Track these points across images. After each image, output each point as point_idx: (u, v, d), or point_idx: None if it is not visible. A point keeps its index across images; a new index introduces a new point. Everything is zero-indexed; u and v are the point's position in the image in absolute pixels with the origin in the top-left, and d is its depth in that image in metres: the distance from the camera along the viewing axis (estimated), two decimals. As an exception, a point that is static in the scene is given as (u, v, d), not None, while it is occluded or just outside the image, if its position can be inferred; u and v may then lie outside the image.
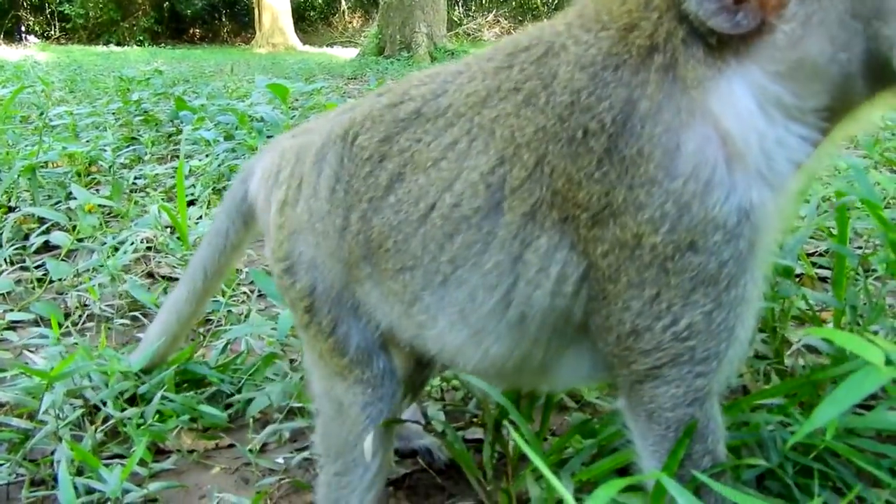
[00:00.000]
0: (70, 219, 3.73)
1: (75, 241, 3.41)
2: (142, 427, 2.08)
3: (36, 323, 3.10)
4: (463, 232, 1.34)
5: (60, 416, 2.09)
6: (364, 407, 1.60)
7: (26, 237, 3.98)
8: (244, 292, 3.28)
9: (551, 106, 1.26)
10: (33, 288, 3.33)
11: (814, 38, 1.10)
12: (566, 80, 1.25)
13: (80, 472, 1.91)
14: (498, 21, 33.24)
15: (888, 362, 0.85)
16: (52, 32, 33.26)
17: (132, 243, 3.41)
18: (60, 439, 2.01)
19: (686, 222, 1.15)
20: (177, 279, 3.46)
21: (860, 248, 3.36)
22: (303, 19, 33.41)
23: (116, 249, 3.34)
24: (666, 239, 1.17)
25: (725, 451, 1.35)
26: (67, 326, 3.01)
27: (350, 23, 37.12)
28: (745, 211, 1.15)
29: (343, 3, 37.47)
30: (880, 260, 1.94)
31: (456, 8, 33.53)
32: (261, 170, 1.80)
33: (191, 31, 36.37)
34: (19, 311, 3.07)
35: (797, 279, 2.95)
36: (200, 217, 4.09)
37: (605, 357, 1.35)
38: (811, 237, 3.34)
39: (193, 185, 4.71)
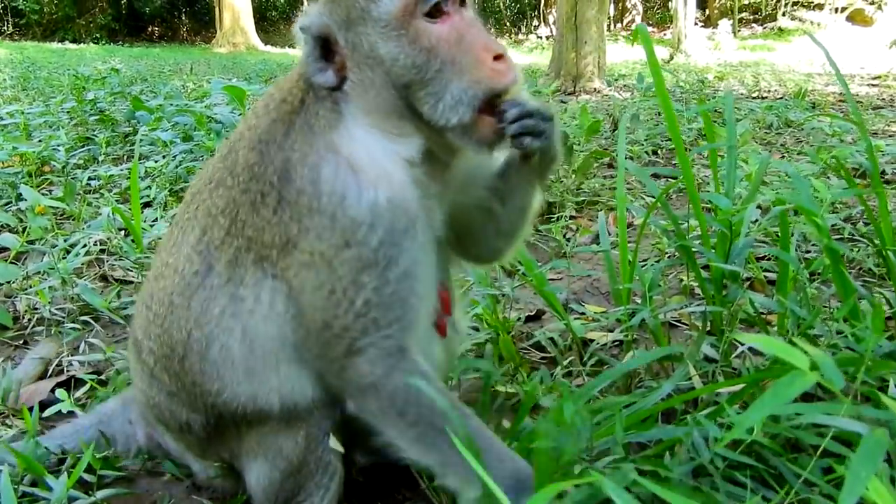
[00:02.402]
0: (21, 220, 3.65)
1: (25, 244, 3.32)
2: (91, 433, 2.04)
3: (-17, 327, 3.03)
4: (194, 295, 1.64)
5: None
6: (317, 433, 1.67)
7: (-26, 239, 3.89)
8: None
9: (237, 183, 1.62)
10: (-20, 291, 3.25)
11: (372, 92, 1.55)
12: (244, 161, 1.62)
13: (28, 481, 1.87)
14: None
15: (813, 367, 0.89)
16: (5, 28, 32.39)
17: (84, 246, 3.35)
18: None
19: (338, 228, 1.50)
20: (130, 282, 3.41)
21: (808, 251, 3.46)
22: (264, 19, 33.08)
23: (68, 252, 3.27)
24: (327, 244, 1.50)
25: (452, 395, 1.61)
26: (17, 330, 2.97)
27: (313, 23, 36.76)
28: (374, 206, 1.50)
29: (305, 3, 37.15)
30: (818, 265, 2.01)
31: (420, 10, 33.39)
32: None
33: (149, 29, 35.72)
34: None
35: (747, 282, 3.03)
36: (156, 219, 4.03)
37: (318, 370, 1.61)
38: (762, 242, 3.43)
39: (150, 187, 4.64)
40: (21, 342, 2.95)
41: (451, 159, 1.65)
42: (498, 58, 1.50)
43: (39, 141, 5.50)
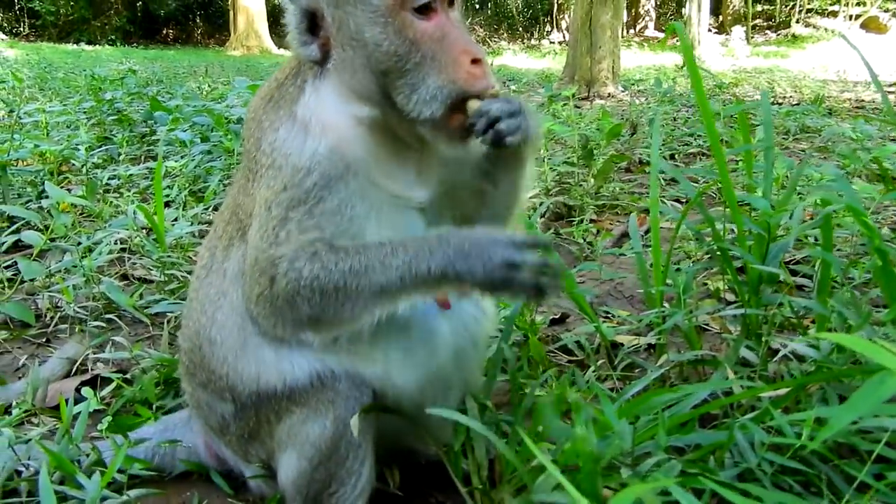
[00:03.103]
0: (43, 217, 3.64)
1: (48, 241, 3.31)
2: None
3: (6, 324, 3.02)
4: (202, 286, 1.81)
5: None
6: (345, 416, 1.63)
7: (-7, 237, 3.89)
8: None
9: (241, 173, 1.79)
10: (2, 289, 3.24)
11: (349, 72, 1.61)
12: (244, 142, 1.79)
13: (58, 479, 1.85)
14: (474, 29, 33.35)
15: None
16: (21, 29, 32.63)
17: (108, 244, 3.34)
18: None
19: (280, 176, 1.61)
20: (152, 281, 3.40)
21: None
22: (277, 22, 32.98)
23: (90, 250, 3.26)
24: (271, 191, 1.61)
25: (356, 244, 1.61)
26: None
27: (325, 27, 36.87)
28: (314, 154, 1.59)
29: (319, 7, 37.19)
30: (867, 267, 1.96)
31: (432, 14, 33.39)
32: None
33: (164, 31, 35.91)
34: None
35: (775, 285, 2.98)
36: (176, 219, 4.01)
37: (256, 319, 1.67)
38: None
39: (169, 187, 4.63)
40: (44, 340, 2.94)
41: (418, 144, 1.69)
42: (476, 62, 1.54)
43: (58, 140, 5.51)
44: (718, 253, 2.15)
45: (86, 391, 2.35)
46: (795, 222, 1.99)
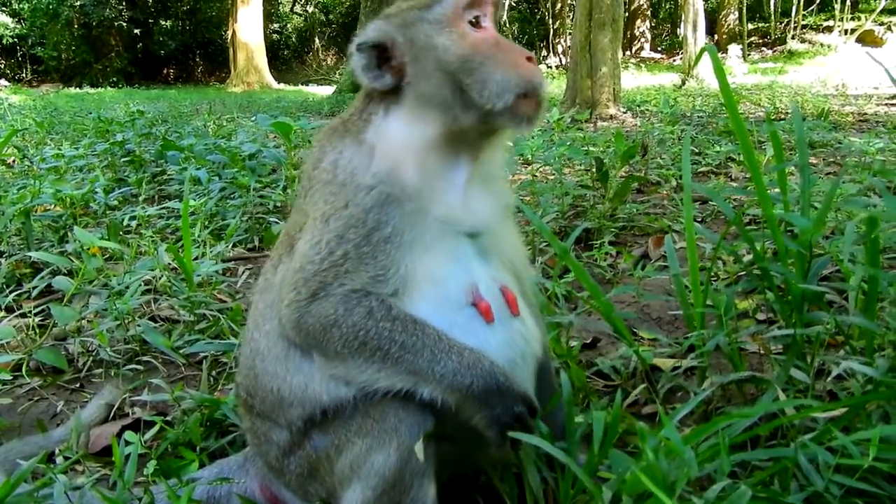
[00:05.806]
0: (72, 262, 3.65)
1: (79, 286, 3.31)
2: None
3: (38, 371, 3.02)
4: (256, 308, 1.89)
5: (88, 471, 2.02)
6: (409, 443, 1.62)
7: (19, 283, 3.89)
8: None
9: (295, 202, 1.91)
10: (34, 335, 3.24)
11: (423, 80, 1.74)
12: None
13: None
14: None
15: None
16: (24, 75, 33.01)
17: (139, 286, 3.34)
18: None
19: (343, 193, 1.71)
20: (178, 321, 3.39)
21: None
22: (276, 58, 33.54)
23: (120, 293, 3.26)
24: (331, 206, 1.71)
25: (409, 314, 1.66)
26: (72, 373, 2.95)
27: (324, 60, 37.36)
28: (376, 174, 1.71)
29: (317, 41, 37.77)
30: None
31: (429, 44, 33.74)
32: None
33: (165, 71, 36.31)
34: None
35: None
36: (196, 258, 4.02)
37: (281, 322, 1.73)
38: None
39: (190, 226, 4.64)
40: (77, 386, 2.93)
41: (477, 150, 1.80)
42: (530, 59, 1.74)
43: (73, 183, 5.53)
44: (758, 272, 2.15)
45: (129, 435, 2.34)
46: (848, 240, 1.99)
